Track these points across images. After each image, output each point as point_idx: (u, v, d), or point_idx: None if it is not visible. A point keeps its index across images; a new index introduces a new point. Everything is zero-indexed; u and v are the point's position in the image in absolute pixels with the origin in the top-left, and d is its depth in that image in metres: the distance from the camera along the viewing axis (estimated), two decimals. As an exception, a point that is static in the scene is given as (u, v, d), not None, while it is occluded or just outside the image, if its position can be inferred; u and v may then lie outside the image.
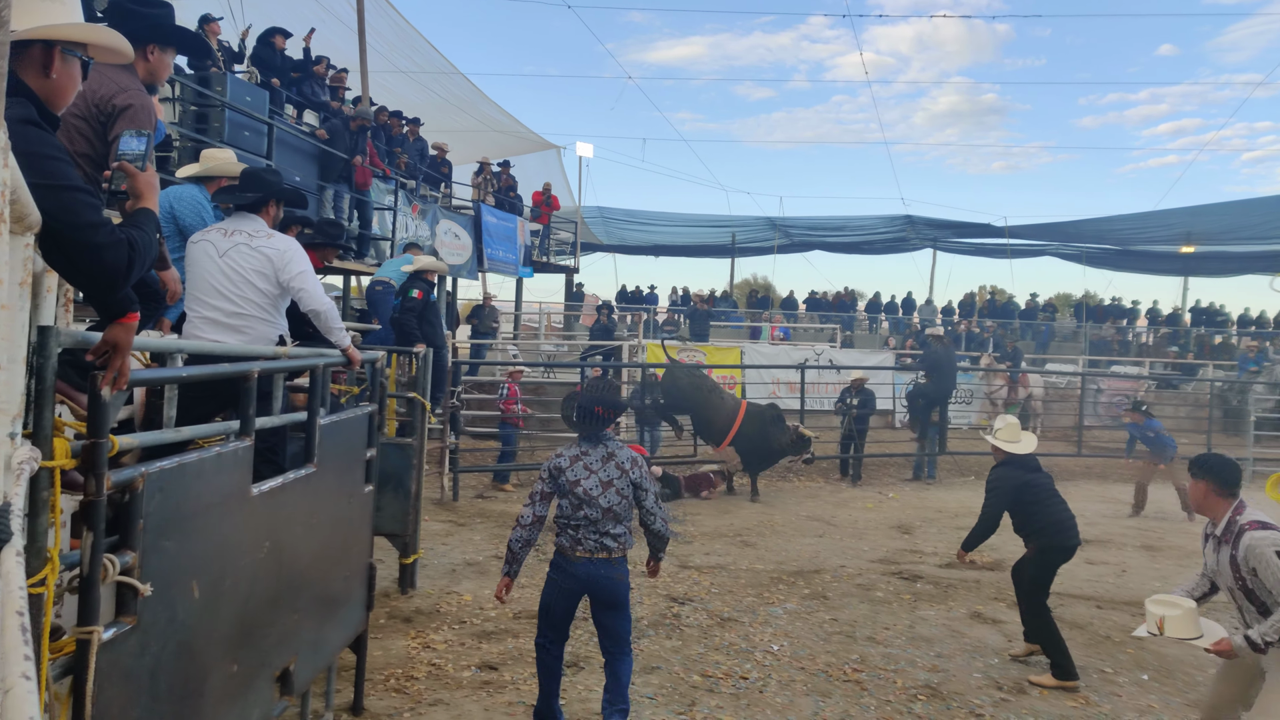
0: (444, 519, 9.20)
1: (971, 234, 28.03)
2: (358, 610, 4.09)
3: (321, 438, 3.38)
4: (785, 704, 4.97)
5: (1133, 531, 10.19)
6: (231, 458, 2.61)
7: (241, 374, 2.79)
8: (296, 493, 3.13)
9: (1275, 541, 3.73)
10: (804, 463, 11.91)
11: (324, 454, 3.39)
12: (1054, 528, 5.71)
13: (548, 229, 20.88)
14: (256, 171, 4.22)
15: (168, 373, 2.87)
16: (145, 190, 2.26)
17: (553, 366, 17.55)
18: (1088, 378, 18.89)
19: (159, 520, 2.22)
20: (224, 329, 3.81)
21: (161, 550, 2.25)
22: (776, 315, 26.16)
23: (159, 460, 2.29)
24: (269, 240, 3.95)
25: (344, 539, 3.80)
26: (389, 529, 6.47)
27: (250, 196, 4.04)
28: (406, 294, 7.85)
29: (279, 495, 2.97)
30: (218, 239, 3.91)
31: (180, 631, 2.37)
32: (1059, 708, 5.06)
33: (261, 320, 3.91)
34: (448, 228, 15.43)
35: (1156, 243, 26.29)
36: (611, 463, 4.39)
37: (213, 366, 2.82)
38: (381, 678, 5.00)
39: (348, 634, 3.96)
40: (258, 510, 2.80)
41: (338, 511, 3.65)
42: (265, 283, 3.89)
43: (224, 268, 3.85)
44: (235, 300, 3.84)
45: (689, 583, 7.31)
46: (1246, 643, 3.73)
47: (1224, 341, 25.42)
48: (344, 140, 11.16)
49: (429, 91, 17.64)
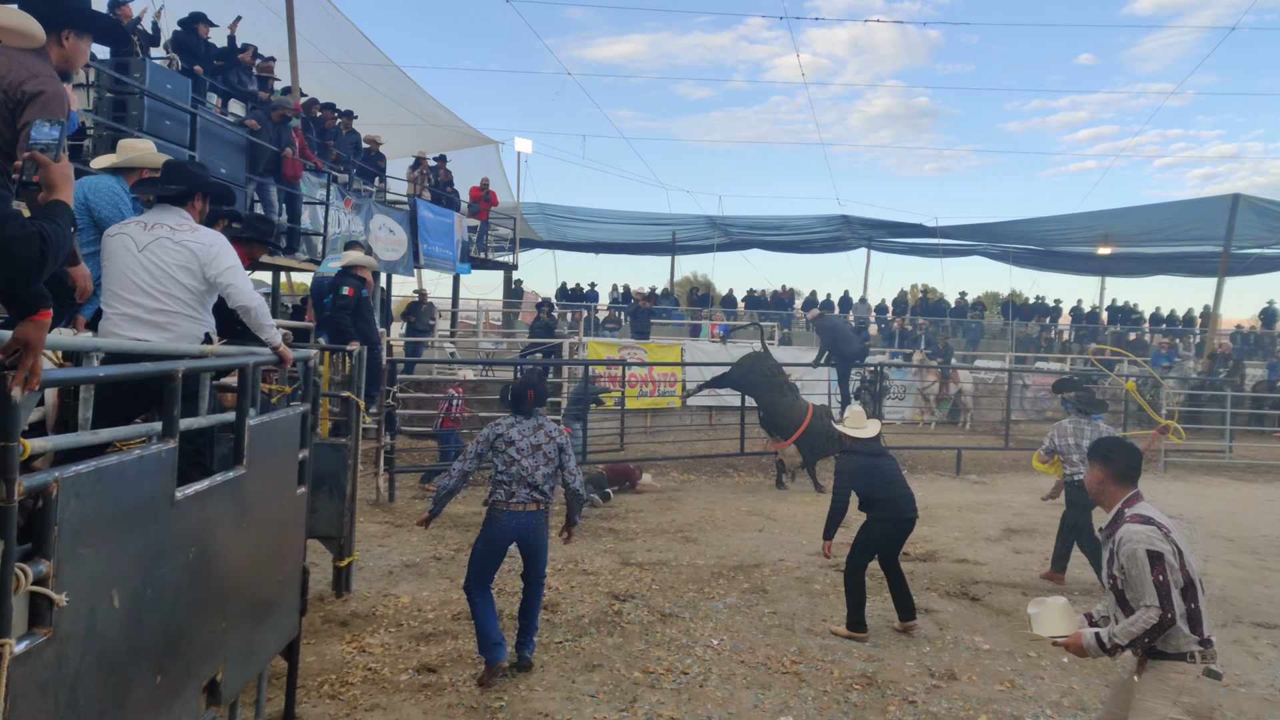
0: (380, 520, 9.05)
1: (904, 234, 28.54)
2: (290, 616, 3.98)
3: (252, 439, 3.27)
4: (726, 697, 4.99)
5: (1056, 521, 10.44)
6: (154, 461, 2.51)
7: (165, 373, 2.68)
8: (225, 496, 3.02)
9: (1149, 539, 3.20)
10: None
11: (254, 455, 3.28)
12: (893, 504, 6.41)
13: (486, 225, 20.67)
14: (181, 164, 4.07)
15: (84, 372, 2.75)
16: (59, 181, 2.16)
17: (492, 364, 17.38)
18: (1014, 374, 19.35)
19: (76, 527, 2.12)
20: (146, 326, 3.67)
21: (79, 558, 2.15)
22: (717, 314, 26.32)
23: (75, 464, 2.18)
24: (194, 234, 3.81)
25: (276, 542, 3.69)
26: (324, 531, 6.33)
27: (174, 189, 3.89)
28: (337, 291, 7.69)
29: (206, 499, 2.86)
30: (137, 232, 3.76)
31: (100, 642, 2.27)
32: (987, 692, 5.17)
33: (187, 317, 3.78)
34: (382, 223, 15.17)
35: (1077, 244, 27.11)
36: (541, 431, 5.28)
37: (133, 366, 2.70)
38: (315, 684, 4.88)
39: (280, 640, 3.85)
40: (183, 515, 2.70)
41: (269, 514, 3.54)
42: (190, 278, 3.76)
43: (144, 262, 3.70)
44: (158, 296, 3.70)
45: (631, 579, 7.30)
46: (1096, 641, 3.30)
47: (1138, 338, 26.32)
48: (271, 131, 10.88)
49: (363, 84, 17.31)
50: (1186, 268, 28.31)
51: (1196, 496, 12.74)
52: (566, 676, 5.21)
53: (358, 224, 14.13)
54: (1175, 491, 13.14)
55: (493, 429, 5.28)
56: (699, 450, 14.70)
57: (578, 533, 5.66)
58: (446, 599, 6.57)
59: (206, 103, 10.62)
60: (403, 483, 10.76)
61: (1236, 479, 14.89)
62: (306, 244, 12.39)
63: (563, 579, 7.23)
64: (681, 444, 15.14)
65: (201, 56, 10.94)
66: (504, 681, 5.09)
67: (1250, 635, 6.44)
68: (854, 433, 6.57)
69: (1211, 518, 10.93)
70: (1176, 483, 14.22)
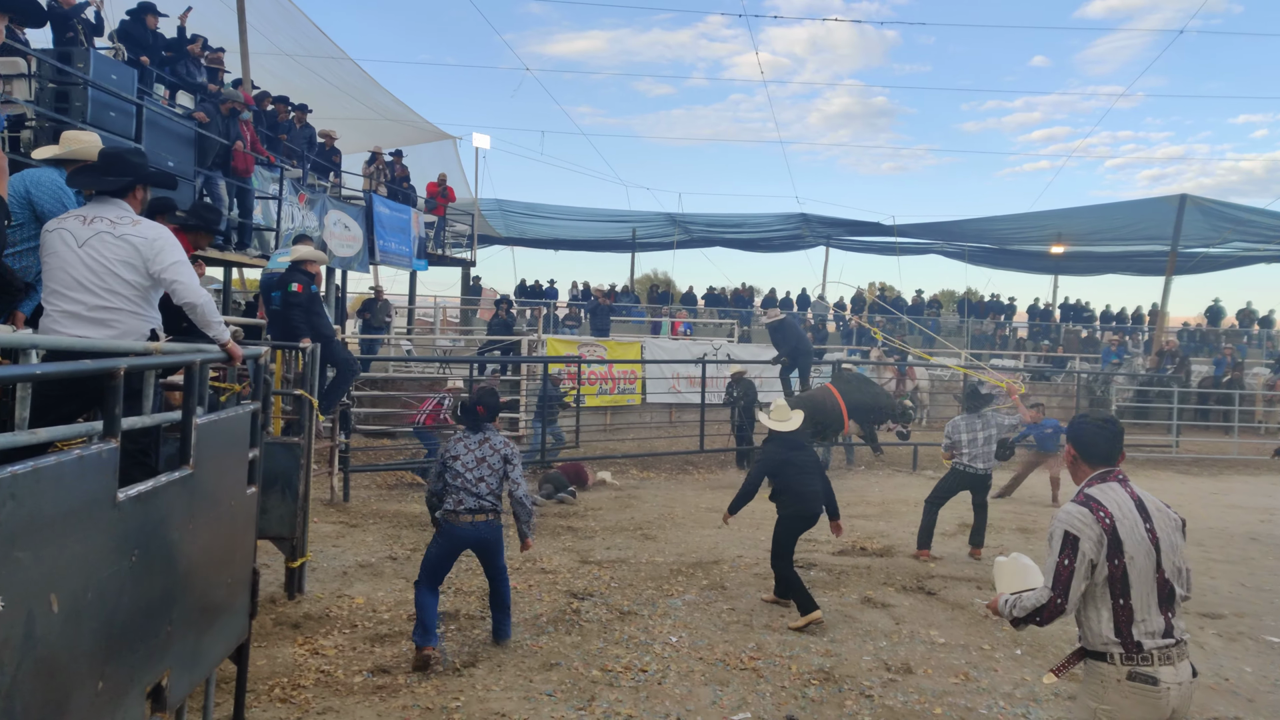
0: (335, 520, 8.92)
1: (862, 232, 28.79)
2: (240, 618, 3.89)
3: (199, 438, 3.19)
4: (684, 694, 4.98)
5: (1010, 515, 10.63)
6: (94, 461, 2.43)
7: (105, 371, 2.60)
8: (170, 497, 2.94)
9: (1072, 520, 2.97)
10: (898, 435, 13.61)
11: (201, 455, 3.20)
12: (799, 499, 6.64)
13: (443, 221, 20.46)
14: (119, 152, 3.94)
15: (20, 370, 2.66)
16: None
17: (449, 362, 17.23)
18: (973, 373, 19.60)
19: (11, 529, 2.05)
20: (88, 323, 3.57)
21: (15, 562, 2.07)
22: (680, 311, 26.36)
23: (12, 465, 2.11)
24: (135, 228, 3.70)
25: (225, 544, 3.61)
26: (275, 532, 6.23)
27: (113, 181, 3.78)
28: (286, 288, 7.55)
29: (150, 500, 2.78)
30: (76, 226, 3.64)
31: (38, 649, 2.19)
32: (942, 685, 5.22)
33: (130, 314, 3.68)
34: (337, 218, 14.96)
35: (1031, 242, 27.55)
36: (487, 444, 5.53)
37: (73, 364, 2.62)
38: (266, 688, 4.79)
39: (229, 644, 3.76)
40: (126, 516, 2.62)
41: (218, 515, 3.46)
42: (133, 274, 3.65)
43: (84, 258, 3.59)
44: (99, 293, 3.59)
45: (589, 578, 7.27)
46: (1004, 604, 3.15)
47: (1089, 336, 26.85)
48: (220, 124, 10.66)
49: (317, 77, 17.05)
50: (1136, 267, 28.95)
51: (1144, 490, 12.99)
52: (524, 676, 5.18)
53: (312, 219, 13.92)
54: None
55: (444, 447, 5.69)
56: (658, 448, 14.71)
57: (533, 541, 5.83)
58: (402, 599, 6.50)
59: (153, 94, 10.38)
60: (358, 482, 10.63)
61: (1183, 473, 15.24)
62: (259, 240, 12.17)
63: (520, 578, 7.18)
64: (641, 441, 15.14)
65: (149, 47, 10.68)
66: (459, 681, 5.04)
67: (1196, 626, 6.58)
68: (775, 426, 6.80)
69: (1159, 511, 11.15)
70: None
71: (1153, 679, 2.90)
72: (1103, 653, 2.96)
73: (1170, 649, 2.93)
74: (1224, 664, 5.77)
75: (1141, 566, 2.94)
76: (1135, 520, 2.99)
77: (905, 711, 4.84)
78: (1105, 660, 2.95)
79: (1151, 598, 2.94)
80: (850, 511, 10.57)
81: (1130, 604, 2.93)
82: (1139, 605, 2.93)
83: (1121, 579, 2.93)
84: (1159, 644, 2.92)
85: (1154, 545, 2.97)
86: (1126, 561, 2.93)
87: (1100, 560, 2.93)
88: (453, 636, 5.79)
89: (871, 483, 12.98)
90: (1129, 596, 2.93)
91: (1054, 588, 2.94)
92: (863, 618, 6.48)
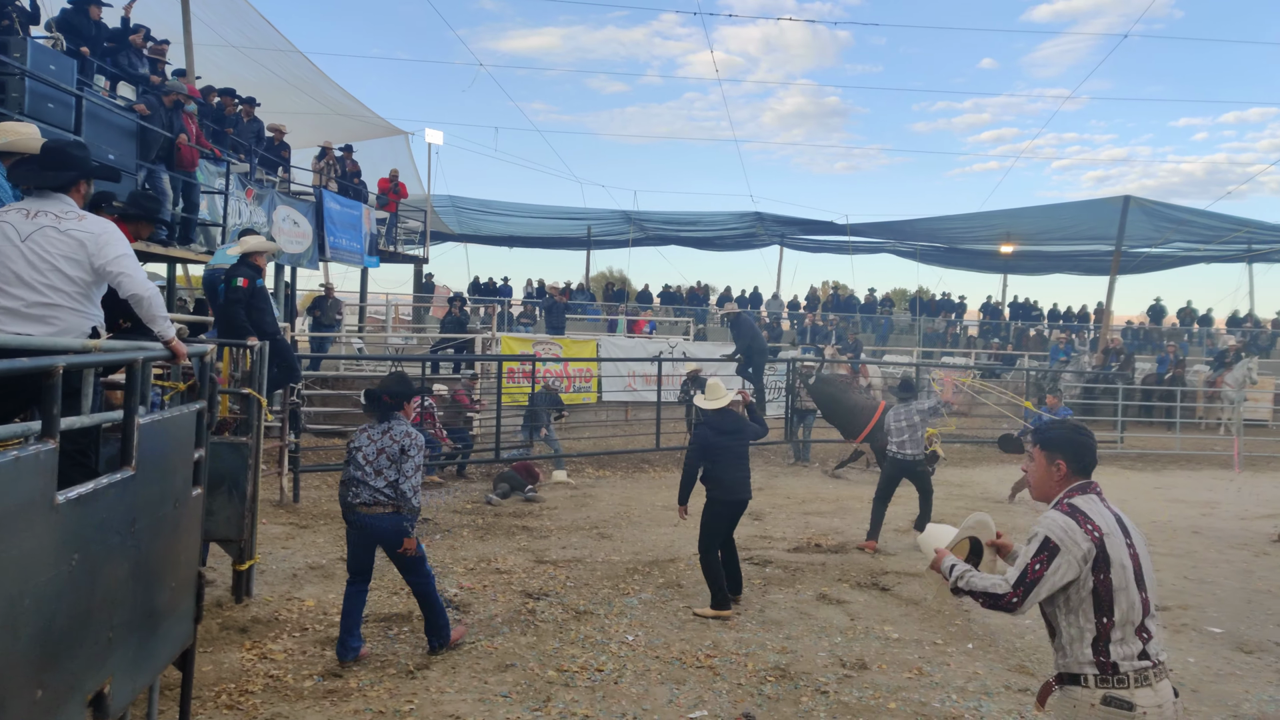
0: (284, 522, 8.76)
1: (816, 231, 29.04)
2: (185, 623, 3.78)
3: (141, 438, 3.09)
4: (641, 693, 4.96)
5: (962, 513, 10.75)
6: (32, 462, 2.33)
7: (43, 370, 2.50)
8: (111, 499, 2.84)
9: (1057, 531, 2.86)
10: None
11: (144, 456, 3.10)
12: (726, 485, 6.69)
13: (395, 217, 20.20)
14: (61, 146, 3.81)
15: (-49, 368, 2.54)
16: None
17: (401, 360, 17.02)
18: (922, 368, 19.87)
19: (-61, 535, 1.96)
20: (26, 320, 3.44)
21: (-57, 568, 1.98)
22: (645, 311, 26.33)
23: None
24: (80, 223, 3.58)
25: (170, 547, 3.50)
26: (222, 534, 6.08)
27: (56, 176, 3.65)
28: (231, 282, 7.37)
29: (90, 502, 2.68)
30: (18, 220, 3.52)
31: (-31, 658, 2.10)
32: (897, 680, 5.27)
33: (71, 310, 3.56)
34: (286, 214, 14.69)
35: (981, 242, 28.02)
36: (388, 435, 5.36)
37: (9, 362, 2.51)
38: (213, 694, 4.67)
39: (173, 649, 3.65)
40: (64, 519, 2.52)
41: (161, 517, 3.35)
42: (77, 269, 3.54)
43: (26, 253, 3.47)
44: (40, 289, 3.47)
45: (545, 577, 7.22)
46: (947, 567, 3.07)
47: (1038, 334, 27.38)
48: (163, 117, 10.40)
49: (265, 70, 16.71)
50: (1082, 266, 29.59)
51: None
52: (479, 677, 5.11)
53: (260, 215, 13.65)
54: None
55: (351, 438, 5.59)
56: (613, 446, 14.68)
57: (412, 541, 5.33)
58: (354, 601, 6.38)
59: (94, 85, 10.09)
60: (308, 482, 10.45)
61: (1128, 468, 15.60)
62: (205, 235, 11.90)
63: (475, 578, 7.11)
64: (596, 440, 15.09)
65: (89, 38, 10.38)
66: (412, 683, 4.96)
67: (1141, 617, 6.72)
68: (705, 404, 6.84)
69: (1104, 505, 11.39)
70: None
71: (1128, 704, 2.78)
72: (1077, 675, 2.85)
73: (1148, 671, 2.81)
74: (1169, 655, 5.89)
75: (1125, 582, 2.84)
76: (1120, 536, 2.90)
77: (861, 707, 4.87)
78: (1079, 684, 2.84)
79: (1133, 615, 2.84)
80: (805, 509, 10.65)
81: (1113, 620, 2.83)
82: (1120, 622, 2.83)
83: (1107, 594, 2.82)
84: (1136, 666, 2.80)
85: (1135, 563, 2.88)
86: (1113, 577, 2.83)
87: (1085, 574, 2.82)
88: (405, 638, 5.71)
89: (826, 480, 13.09)
90: (1112, 614, 2.83)
91: (1015, 585, 2.84)
92: (818, 614, 6.52)
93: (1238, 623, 6.68)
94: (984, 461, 15.79)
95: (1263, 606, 7.17)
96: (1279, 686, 5.40)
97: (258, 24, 15.78)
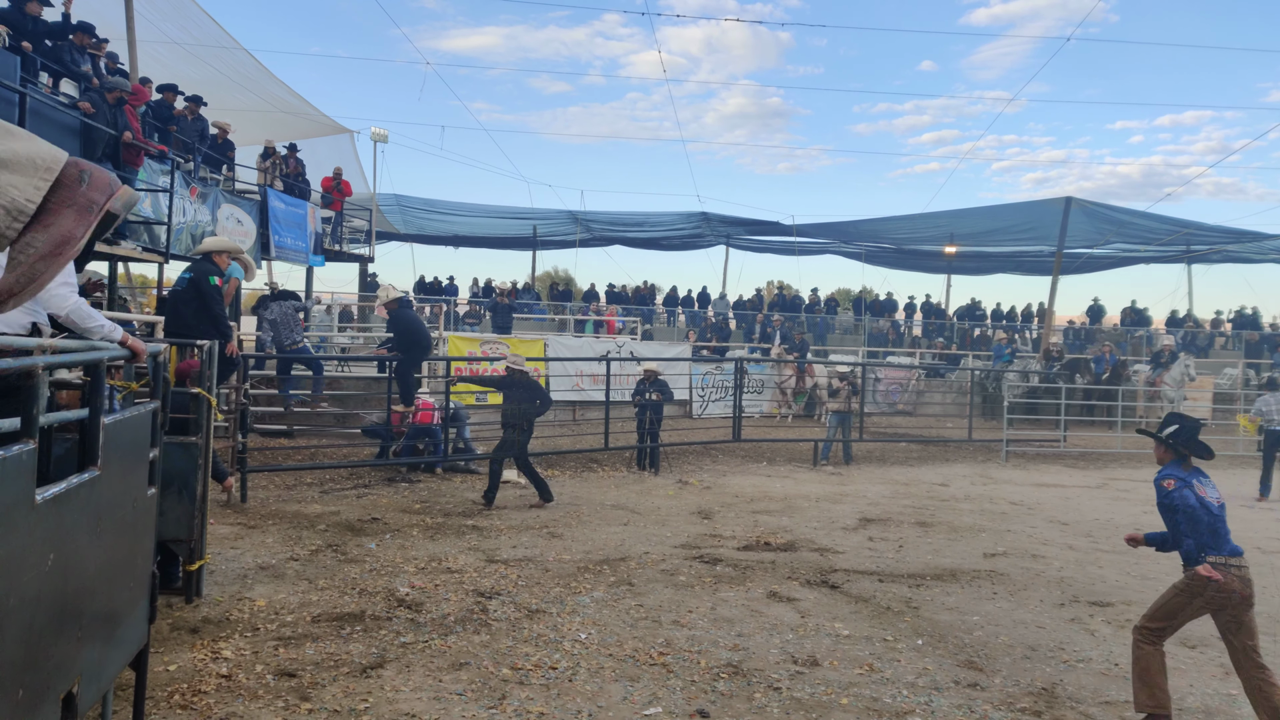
0: (233, 522, 8.65)
1: (762, 231, 29.38)
2: (140, 624, 3.76)
3: (105, 438, 3.08)
4: (595, 691, 5.02)
5: (909, 511, 11.03)
6: (15, 462, 2.33)
7: (25, 369, 2.50)
8: (81, 499, 2.83)
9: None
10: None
11: (108, 456, 3.09)
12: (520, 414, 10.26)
13: (340, 216, 19.99)
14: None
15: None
16: None
17: (347, 360, 16.85)
18: (867, 368, 20.22)
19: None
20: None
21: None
22: (610, 310, 26.35)
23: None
24: None
25: (128, 547, 3.48)
26: (172, 534, 6.01)
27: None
28: (207, 280, 7.28)
29: (65, 502, 2.68)
30: None
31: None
32: (848, 676, 5.40)
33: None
34: (230, 212, 14.47)
35: (925, 242, 28.60)
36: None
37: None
38: (165, 694, 4.63)
39: (130, 650, 3.63)
40: (44, 519, 2.52)
41: (122, 518, 3.34)
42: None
43: None
44: None
45: (496, 577, 7.24)
46: None
47: (981, 334, 28.02)
48: (107, 114, 10.19)
49: (209, 67, 16.41)
50: (1025, 267, 30.34)
51: (1036, 484, 13.68)
52: (433, 676, 5.14)
53: (204, 213, 13.43)
54: (1016, 480, 14.06)
55: None
56: (562, 445, 14.71)
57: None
58: (306, 600, 6.36)
59: (37, 82, 9.85)
60: (255, 483, 10.31)
61: (1071, 466, 16.07)
62: (149, 233, 11.68)
63: (426, 577, 7.11)
64: (545, 440, 15.09)
65: (31, 33, 10.13)
66: (367, 683, 4.97)
67: (1087, 614, 6.96)
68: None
69: (1049, 503, 11.77)
70: (1017, 471, 15.22)
71: None
72: None
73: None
74: (1114, 650, 6.11)
75: None
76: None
77: (813, 703, 4.99)
78: None
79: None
80: (753, 507, 10.81)
81: None
82: None
83: None
84: None
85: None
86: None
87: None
88: (358, 638, 5.70)
89: (774, 479, 13.28)
90: None
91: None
92: (769, 612, 6.64)
93: (1168, 614, 6.96)
94: (928, 460, 16.15)
95: (1190, 598, 7.47)
96: (1222, 680, 5.62)
97: (201, 20, 15.50)
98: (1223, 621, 4.81)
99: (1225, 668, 5.82)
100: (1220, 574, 4.64)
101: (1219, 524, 4.80)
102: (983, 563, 8.44)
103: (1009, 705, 5.08)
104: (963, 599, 7.19)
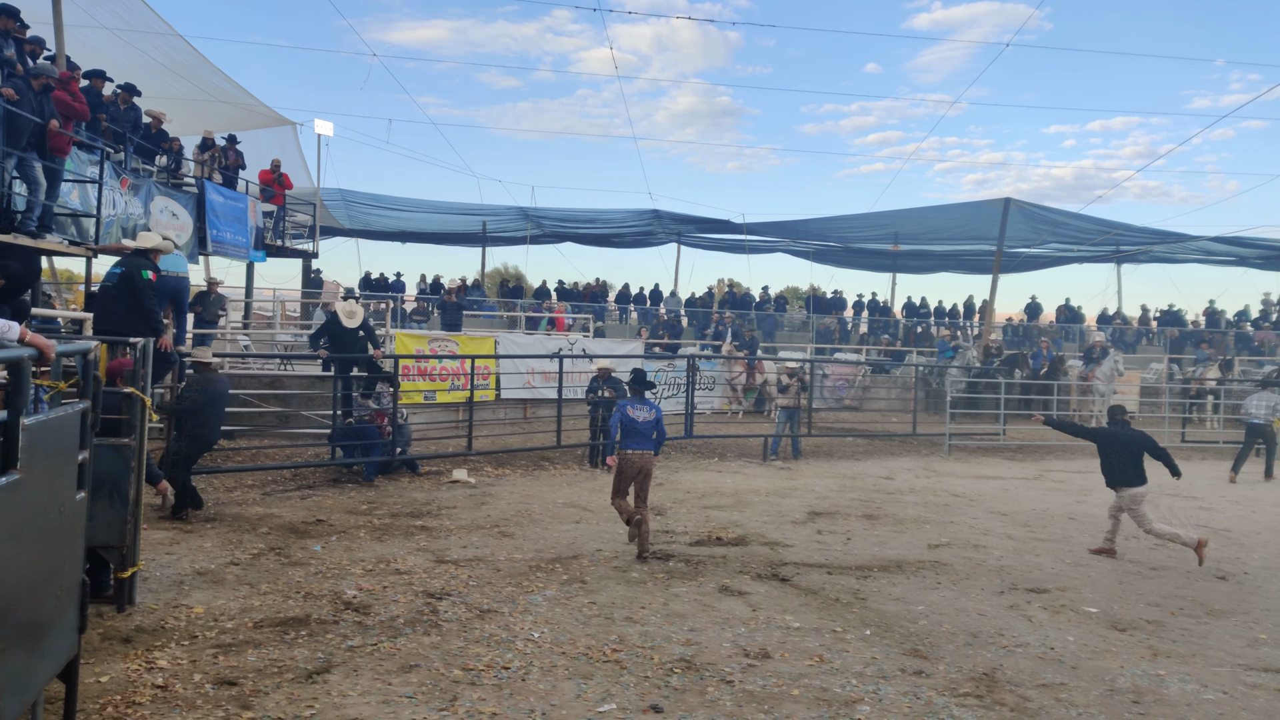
0: (168, 526, 8.38)
1: (713, 229, 29.43)
2: (69, 634, 3.59)
3: (27, 440, 2.91)
4: (548, 689, 4.94)
5: (856, 504, 11.11)
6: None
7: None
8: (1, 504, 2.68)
9: None
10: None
11: (30, 458, 2.92)
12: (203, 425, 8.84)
13: (283, 210, 19.53)
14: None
15: None
16: None
17: (290, 358, 16.47)
18: (815, 364, 20.38)
19: None
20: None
21: None
22: (559, 306, 26.14)
23: None
24: None
25: (54, 555, 3.31)
26: (103, 540, 5.77)
27: None
28: (141, 275, 7.01)
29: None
30: None
31: None
32: (799, 668, 5.40)
33: None
34: (164, 205, 14.03)
35: (871, 241, 28.95)
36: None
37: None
38: (97, 706, 4.44)
39: (59, 660, 3.46)
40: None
41: (47, 523, 3.17)
42: None
43: None
44: None
45: (446, 577, 7.11)
46: None
47: (925, 331, 28.43)
48: (32, 101, 9.78)
49: (142, 54, 15.89)
50: (966, 265, 30.90)
51: (977, 476, 13.89)
52: (381, 679, 5.01)
53: (136, 206, 13.00)
54: (958, 473, 14.27)
55: None
56: (513, 444, 14.57)
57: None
58: (247, 606, 6.17)
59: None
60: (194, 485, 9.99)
61: (1010, 458, 16.38)
62: (76, 226, 11.26)
63: (374, 579, 6.96)
64: (495, 438, 14.94)
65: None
66: (313, 688, 4.82)
67: (1024, 600, 7.07)
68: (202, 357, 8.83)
69: (989, 495, 11.96)
70: (959, 464, 15.46)
71: None
72: None
73: None
74: (1050, 635, 6.22)
75: None
76: None
77: (765, 695, 4.98)
78: None
79: None
80: (704, 503, 10.80)
81: None
82: None
83: None
84: None
85: None
86: None
87: None
88: (303, 642, 5.54)
89: (725, 475, 13.29)
90: None
91: None
92: (721, 606, 6.62)
93: (1111, 602, 7.11)
94: (874, 454, 16.31)
95: (1133, 587, 7.64)
96: (1151, 661, 5.77)
97: (134, 4, 15.00)
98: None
99: (1153, 649, 5.97)
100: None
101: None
102: (927, 554, 8.53)
103: (952, 690, 5.12)
104: (908, 589, 7.25)
